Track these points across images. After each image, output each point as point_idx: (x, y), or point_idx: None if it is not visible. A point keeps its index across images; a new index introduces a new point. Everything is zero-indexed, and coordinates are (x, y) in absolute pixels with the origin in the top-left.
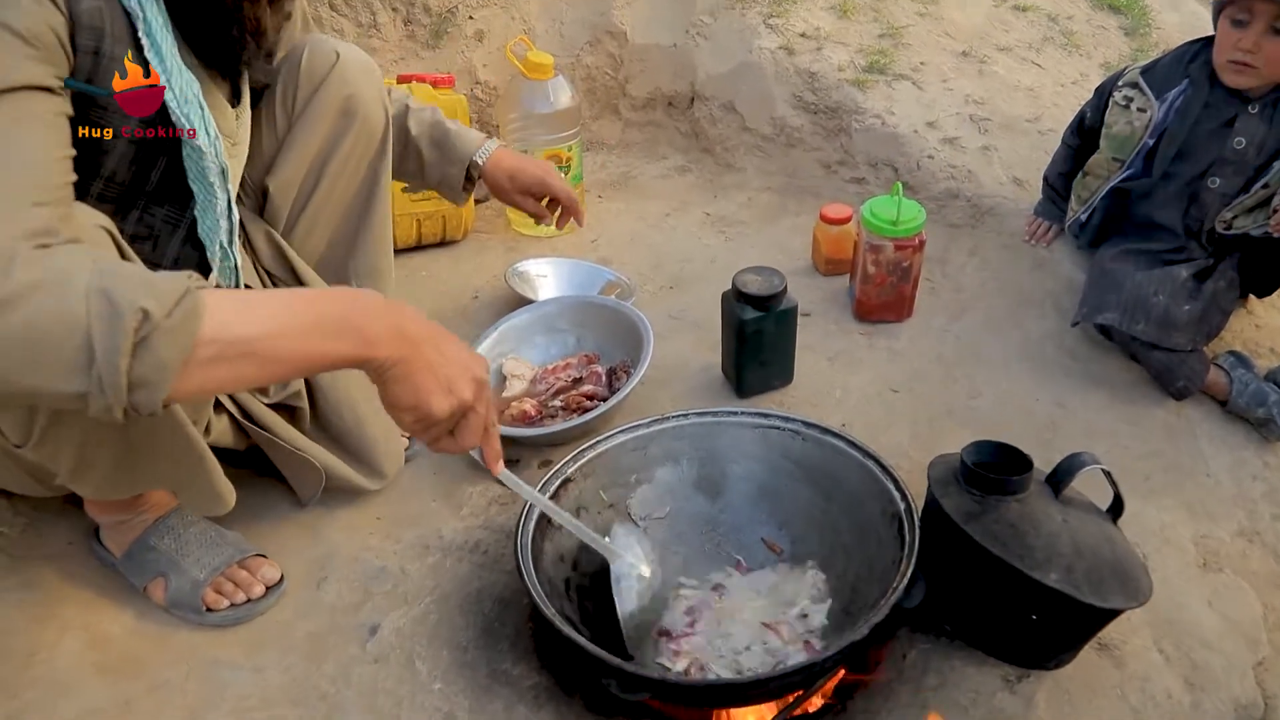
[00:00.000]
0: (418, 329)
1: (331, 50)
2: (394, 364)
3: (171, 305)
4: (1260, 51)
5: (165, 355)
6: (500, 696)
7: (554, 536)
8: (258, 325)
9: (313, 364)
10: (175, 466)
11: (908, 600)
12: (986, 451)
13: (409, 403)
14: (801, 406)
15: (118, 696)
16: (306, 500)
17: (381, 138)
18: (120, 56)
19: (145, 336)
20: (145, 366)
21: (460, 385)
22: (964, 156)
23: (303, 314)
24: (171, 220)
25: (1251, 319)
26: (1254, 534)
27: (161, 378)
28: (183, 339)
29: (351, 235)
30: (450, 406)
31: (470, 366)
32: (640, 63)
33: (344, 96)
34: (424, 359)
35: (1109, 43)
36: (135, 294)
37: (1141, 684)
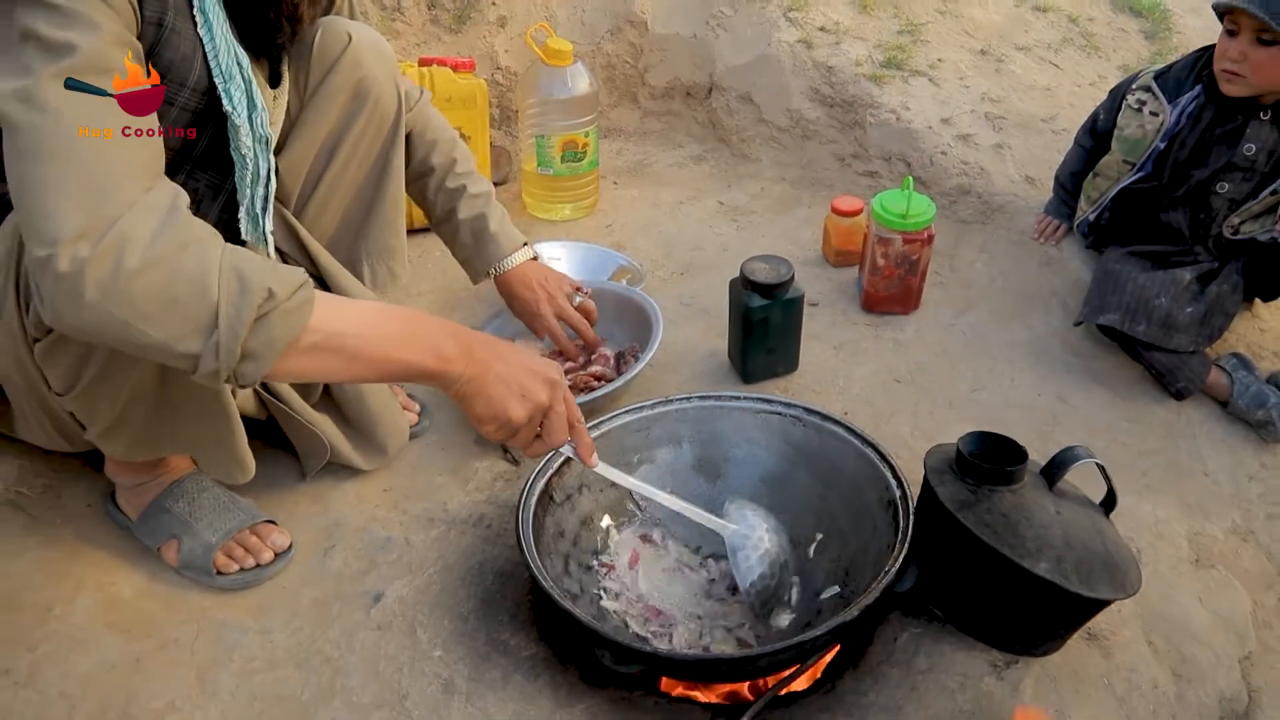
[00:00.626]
0: (485, 349)
1: (344, 32)
2: (466, 380)
3: (292, 290)
4: (1247, 61)
5: (278, 333)
6: (498, 665)
7: (555, 512)
8: (355, 325)
9: (392, 370)
10: (205, 431)
11: (900, 584)
12: (982, 442)
13: (488, 414)
14: (805, 394)
15: (129, 653)
16: (309, 472)
17: (394, 120)
18: (179, 29)
19: (266, 314)
20: (258, 341)
21: (533, 389)
22: (977, 153)
23: (393, 324)
24: (213, 186)
25: (1256, 322)
26: (1248, 533)
27: (269, 353)
28: (296, 321)
29: (362, 216)
30: (528, 411)
31: (541, 370)
32: (660, 52)
33: (356, 79)
34: (494, 373)
35: (1128, 45)
36: (263, 274)
37: (1129, 674)
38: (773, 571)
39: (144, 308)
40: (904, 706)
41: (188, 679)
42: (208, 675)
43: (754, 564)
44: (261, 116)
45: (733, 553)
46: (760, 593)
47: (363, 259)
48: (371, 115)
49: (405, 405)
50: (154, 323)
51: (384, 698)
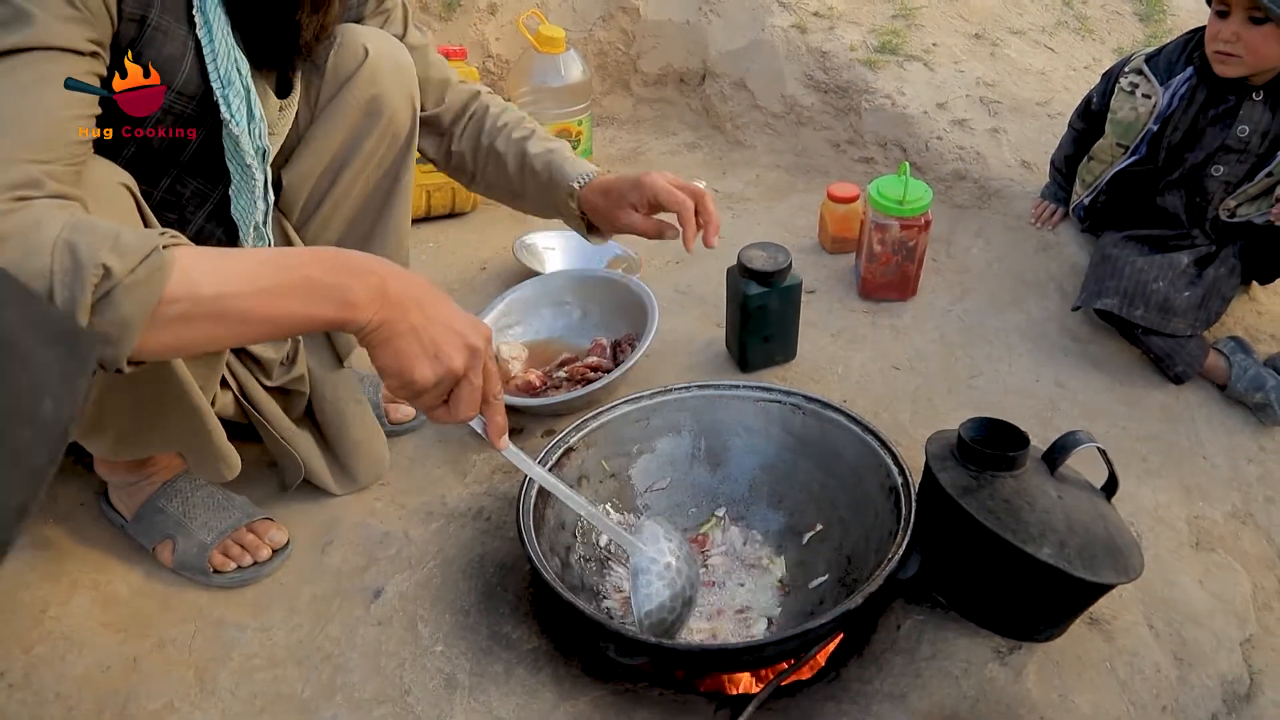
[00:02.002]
0: (405, 290)
1: (360, 46)
2: (375, 327)
3: (136, 262)
4: (1240, 41)
5: (127, 311)
6: (500, 659)
7: (556, 504)
8: (231, 284)
9: (289, 326)
10: (183, 430)
11: (903, 571)
12: (984, 428)
13: (392, 368)
14: (804, 382)
15: (126, 654)
16: (288, 486)
17: (406, 138)
18: (167, 28)
19: (107, 292)
20: (106, 322)
21: (449, 352)
22: (973, 138)
23: (281, 274)
24: (200, 194)
25: (1253, 305)
26: (1247, 516)
27: (124, 334)
28: (145, 296)
29: (366, 234)
30: (436, 374)
31: (463, 333)
32: (653, 39)
33: (370, 96)
34: (408, 322)
35: (1123, 28)
36: (99, 249)
37: (1130, 658)
38: (674, 605)
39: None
40: (908, 694)
41: (186, 678)
42: (206, 674)
43: (654, 592)
44: (259, 127)
45: (634, 574)
46: (655, 625)
47: None
48: (384, 133)
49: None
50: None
51: (386, 693)
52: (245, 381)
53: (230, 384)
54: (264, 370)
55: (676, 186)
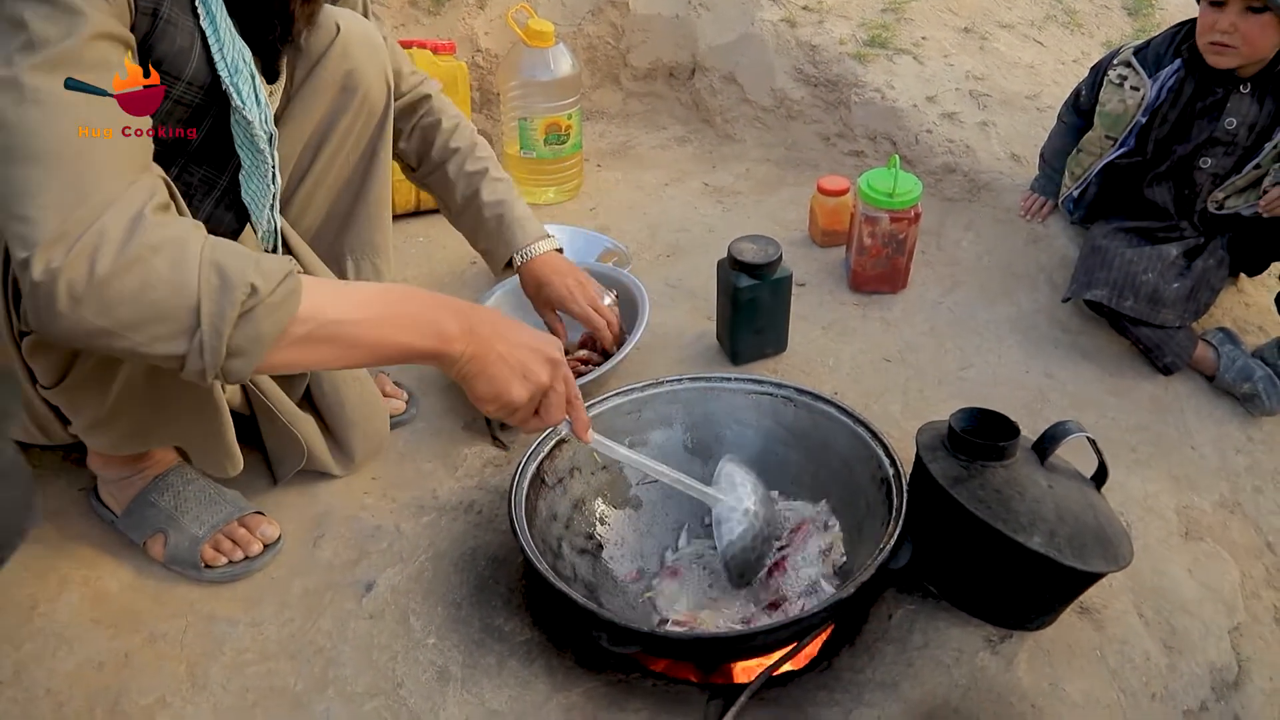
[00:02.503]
0: (487, 326)
1: (332, 23)
2: (468, 360)
3: (276, 283)
4: (1237, 31)
5: (264, 328)
6: (493, 651)
7: (547, 496)
8: (348, 311)
9: (392, 354)
10: (196, 424)
11: (894, 561)
12: (974, 418)
13: (490, 394)
14: (795, 374)
15: (117, 649)
16: (281, 478)
17: (382, 113)
18: (176, 20)
19: (250, 309)
20: (244, 337)
21: (535, 369)
22: (962, 131)
23: (389, 306)
24: (208, 181)
25: (1241, 297)
26: (1235, 505)
27: (257, 349)
28: (282, 315)
29: (347, 211)
30: (529, 392)
31: (542, 349)
32: (642, 33)
33: (344, 72)
34: (495, 352)
35: (1111, 22)
36: (245, 269)
37: (1120, 646)
38: (754, 545)
39: (120, 314)
40: (900, 683)
41: (178, 673)
42: (198, 669)
43: (735, 537)
44: (266, 112)
45: (717, 524)
46: (739, 565)
47: (346, 255)
48: (360, 109)
49: (392, 393)
50: (133, 328)
51: (378, 686)
52: None
53: None
54: None
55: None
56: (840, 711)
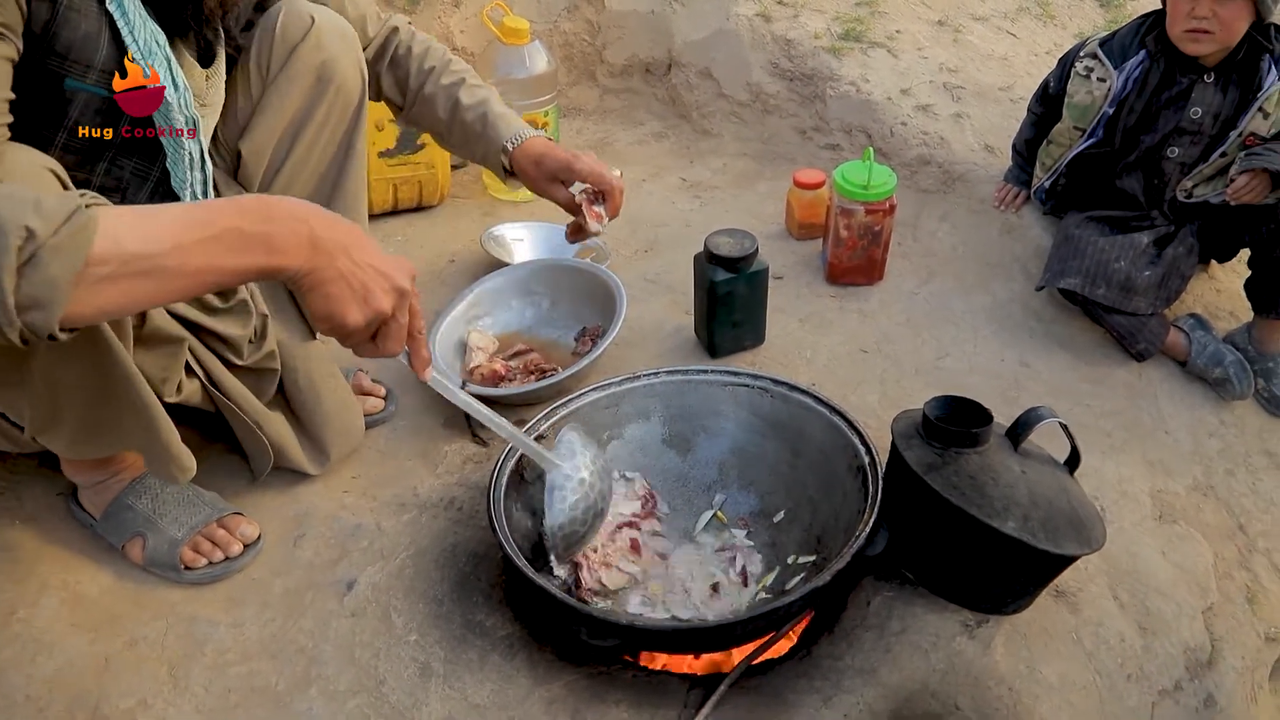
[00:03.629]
0: (332, 236)
1: (308, 15)
2: (305, 274)
3: (59, 223)
4: (1215, 16)
5: (54, 273)
6: (475, 647)
7: (526, 491)
8: (156, 241)
9: (220, 278)
10: (139, 428)
11: (871, 548)
12: (948, 406)
13: (323, 313)
14: (772, 366)
15: (96, 653)
16: (258, 475)
17: (357, 105)
18: (79, 6)
19: (32, 254)
20: (34, 286)
21: (376, 295)
22: (937, 124)
23: (207, 228)
24: (140, 172)
25: (1212, 283)
26: (1208, 488)
27: (53, 296)
28: (72, 256)
29: (325, 201)
30: (366, 317)
31: (390, 274)
32: (618, 29)
33: (319, 62)
34: (336, 269)
35: (1083, 14)
36: (20, 213)
37: (1096, 628)
38: (584, 517)
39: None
40: (878, 668)
41: (159, 675)
42: (179, 671)
43: (566, 506)
44: (185, 97)
45: (549, 490)
46: (566, 537)
47: None
48: (335, 99)
49: (370, 390)
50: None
51: (361, 684)
52: (211, 366)
53: (196, 371)
54: (233, 349)
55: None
56: (819, 698)
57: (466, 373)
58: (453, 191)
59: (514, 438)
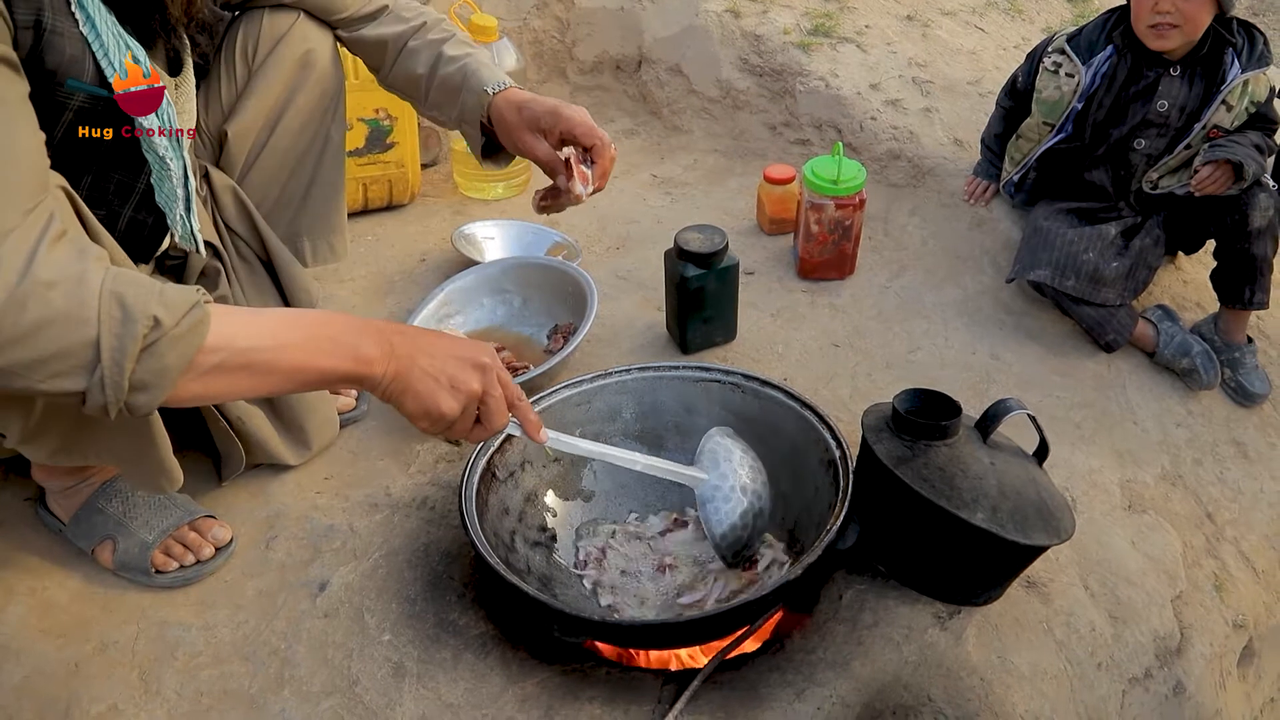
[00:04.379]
0: (407, 343)
1: (294, 10)
2: (390, 379)
3: (181, 315)
4: (1178, 10)
5: (169, 361)
6: (448, 645)
7: (498, 490)
8: (260, 339)
9: (311, 380)
10: (127, 442)
11: (842, 542)
12: (917, 399)
13: (420, 412)
14: (745, 362)
15: (66, 659)
16: (226, 477)
17: (334, 96)
18: (62, 29)
19: (153, 343)
20: (147, 371)
21: (463, 379)
22: (906, 118)
23: (304, 330)
24: (125, 186)
25: (1180, 275)
26: (1176, 478)
27: (162, 382)
28: (187, 347)
29: (303, 190)
30: (460, 402)
31: (469, 356)
32: (587, 26)
33: (304, 50)
34: (418, 368)
35: (1051, 8)
36: (147, 301)
37: (1067, 618)
38: (744, 522)
39: (15, 354)
40: (851, 661)
41: (130, 680)
42: (150, 675)
43: (724, 515)
44: (167, 111)
45: (702, 505)
46: (732, 544)
47: (303, 234)
48: (314, 86)
49: (342, 390)
50: (30, 367)
51: (334, 684)
52: None
53: None
54: None
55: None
56: (792, 692)
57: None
58: (423, 190)
59: (653, 468)
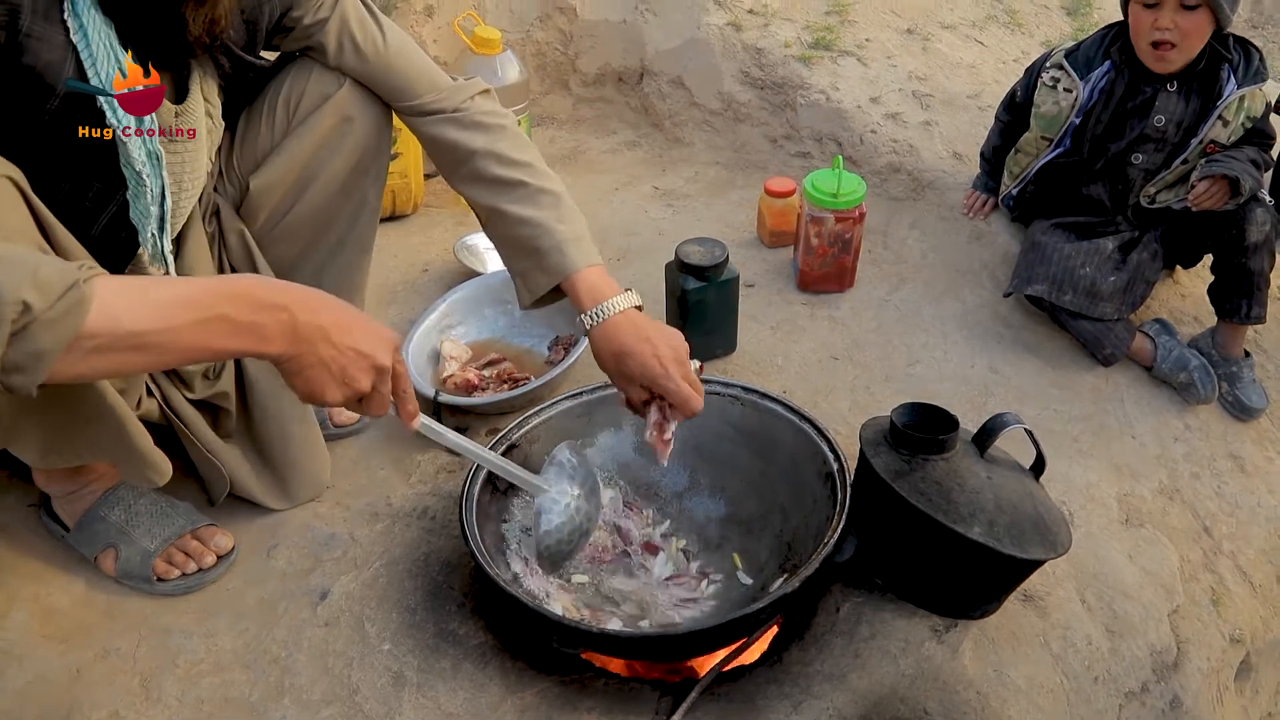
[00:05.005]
0: (313, 321)
1: (341, 76)
2: (287, 360)
3: (55, 298)
4: (1177, 28)
5: (43, 345)
6: (448, 655)
7: (499, 500)
8: (149, 321)
9: (205, 356)
10: (107, 434)
11: (839, 555)
12: (915, 413)
13: (304, 393)
14: (744, 374)
15: (68, 665)
16: (215, 500)
17: (374, 158)
18: (40, 34)
19: (24, 327)
20: (20, 354)
21: (354, 376)
22: (906, 131)
23: (198, 310)
24: (103, 196)
25: (1177, 289)
26: (1174, 491)
27: (37, 365)
28: (63, 331)
29: (329, 251)
30: (345, 395)
31: (370, 354)
32: (590, 38)
33: (343, 116)
34: (316, 355)
35: (1050, 22)
36: (19, 284)
37: (1064, 632)
38: (570, 537)
39: None
40: (848, 674)
41: (131, 686)
42: (152, 682)
43: (553, 528)
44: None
45: (537, 512)
46: (551, 555)
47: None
48: (352, 151)
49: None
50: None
51: (334, 693)
52: (168, 391)
53: (154, 393)
54: (184, 382)
55: (690, 383)
56: (789, 704)
57: (440, 382)
58: (426, 200)
59: (501, 470)
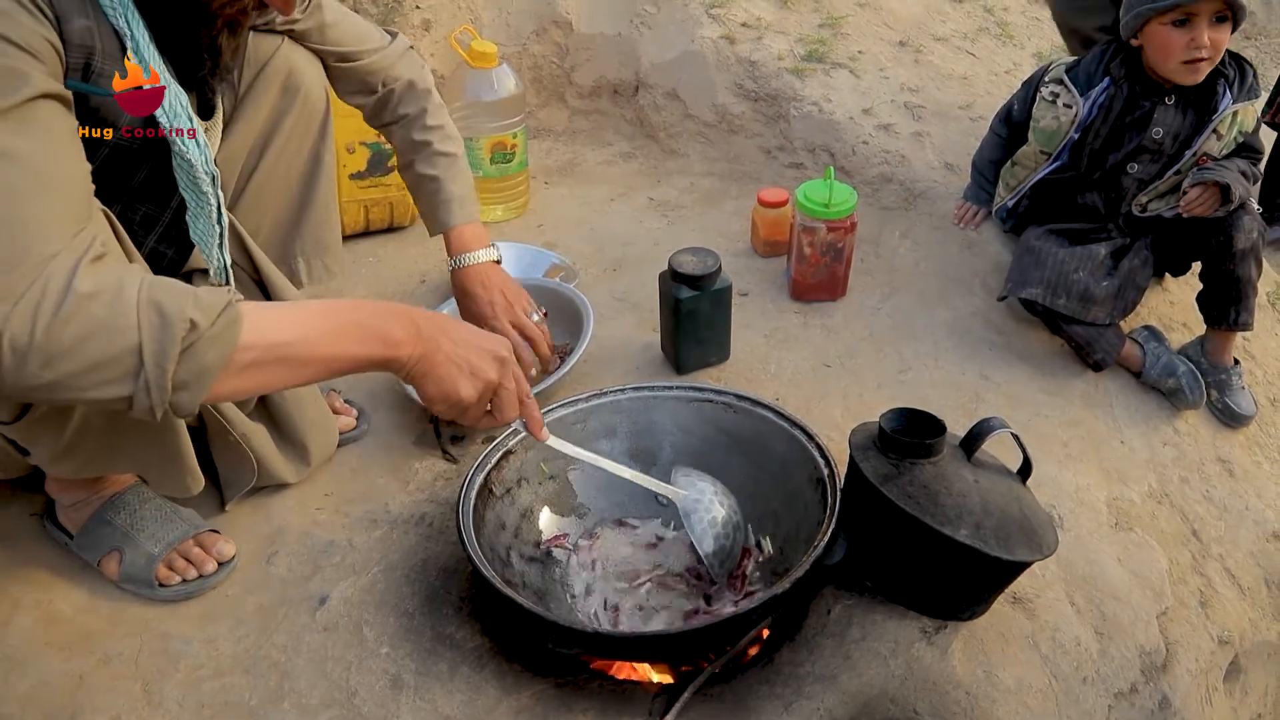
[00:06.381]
0: (433, 327)
1: (277, 36)
2: (415, 362)
3: (215, 315)
4: (1213, 43)
5: (208, 360)
6: (445, 658)
7: (495, 506)
8: (291, 333)
9: (343, 366)
10: (157, 448)
11: (829, 558)
12: (903, 418)
13: (439, 394)
14: (738, 382)
15: (70, 671)
16: (229, 499)
17: (322, 118)
18: (108, 73)
19: (191, 344)
20: (188, 372)
21: (482, 367)
22: (898, 142)
23: (332, 319)
24: (150, 218)
25: (1166, 296)
26: (1163, 495)
27: (203, 381)
28: (224, 346)
29: (296, 212)
30: (477, 389)
31: (490, 348)
32: (586, 51)
33: (286, 73)
34: (442, 352)
35: (1041, 34)
36: (183, 305)
37: (1053, 633)
38: (727, 533)
39: (64, 366)
40: (839, 675)
41: (133, 692)
42: (153, 687)
43: (707, 526)
44: (207, 153)
45: (686, 517)
46: (719, 554)
47: (297, 255)
48: (301, 111)
49: (342, 410)
50: (77, 377)
51: (333, 697)
52: None
53: None
54: None
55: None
56: (780, 705)
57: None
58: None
59: (639, 478)
